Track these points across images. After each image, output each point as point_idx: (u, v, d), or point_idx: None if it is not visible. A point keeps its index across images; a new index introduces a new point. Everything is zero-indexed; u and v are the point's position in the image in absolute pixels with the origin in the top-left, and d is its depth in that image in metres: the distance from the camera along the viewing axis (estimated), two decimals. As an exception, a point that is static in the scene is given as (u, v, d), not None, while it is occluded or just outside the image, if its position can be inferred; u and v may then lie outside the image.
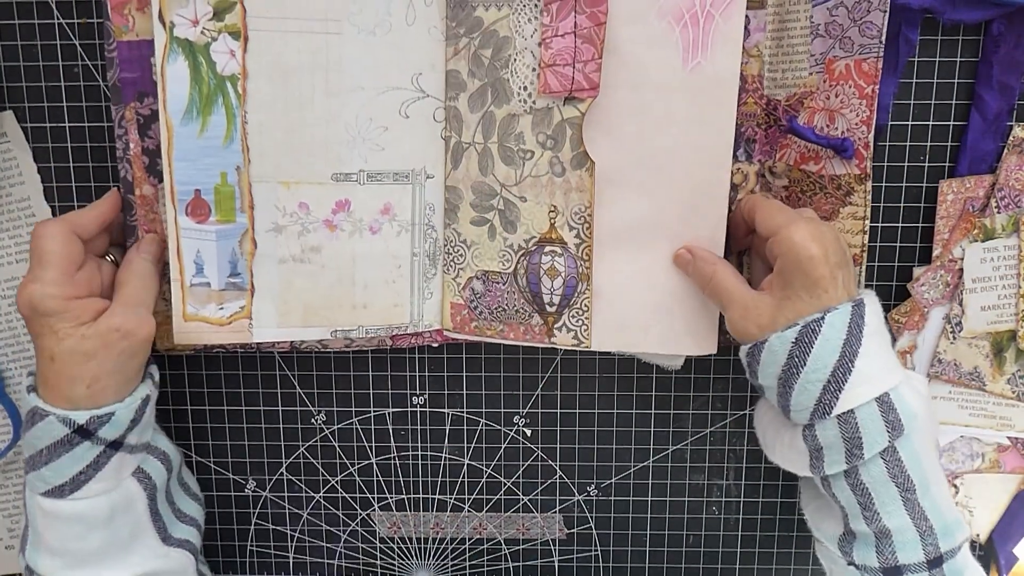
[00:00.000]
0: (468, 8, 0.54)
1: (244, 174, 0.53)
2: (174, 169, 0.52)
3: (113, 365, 0.49)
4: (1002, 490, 0.61)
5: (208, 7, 0.50)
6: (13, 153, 0.58)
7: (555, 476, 0.64)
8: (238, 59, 0.51)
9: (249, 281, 0.54)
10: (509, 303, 0.57)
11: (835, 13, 0.53)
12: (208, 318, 0.54)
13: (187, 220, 0.52)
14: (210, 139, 0.52)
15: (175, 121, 0.51)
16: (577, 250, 0.55)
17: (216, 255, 0.53)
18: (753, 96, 0.55)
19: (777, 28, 0.54)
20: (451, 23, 0.54)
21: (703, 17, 0.51)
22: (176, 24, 0.50)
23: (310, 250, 0.55)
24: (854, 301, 0.47)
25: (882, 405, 0.47)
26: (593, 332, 0.56)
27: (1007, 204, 0.55)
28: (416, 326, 0.58)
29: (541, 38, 0.52)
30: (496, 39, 0.54)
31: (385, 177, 0.55)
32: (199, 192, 0.52)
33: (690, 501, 0.64)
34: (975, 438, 0.60)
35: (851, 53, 0.53)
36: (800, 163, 0.55)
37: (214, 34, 0.51)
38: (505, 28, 0.53)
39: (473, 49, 0.54)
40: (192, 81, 0.51)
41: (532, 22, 0.53)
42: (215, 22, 0.51)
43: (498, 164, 0.55)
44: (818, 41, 0.53)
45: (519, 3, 0.53)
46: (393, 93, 0.54)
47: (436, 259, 0.58)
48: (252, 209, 0.53)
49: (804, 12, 0.53)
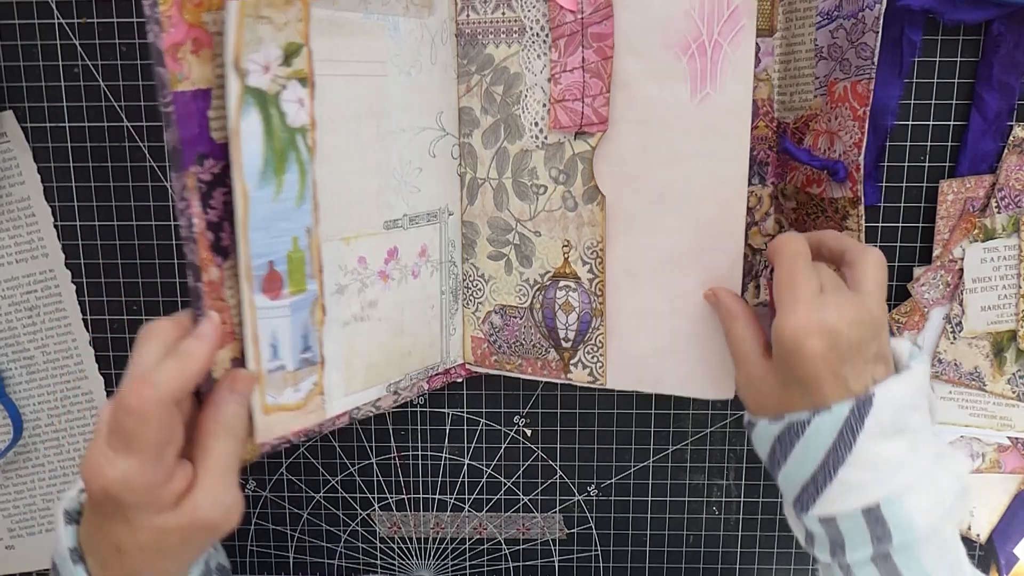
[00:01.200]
0: (479, 46, 0.54)
1: (314, 235, 0.46)
2: (250, 242, 0.42)
3: (188, 559, 0.41)
4: (1002, 490, 0.61)
5: (278, 51, 0.42)
6: (13, 153, 0.58)
7: (555, 476, 0.64)
8: (307, 108, 0.44)
9: (319, 353, 0.47)
10: (526, 337, 0.57)
11: (836, 35, 0.52)
12: (286, 404, 0.46)
13: (262, 298, 0.43)
14: (283, 201, 0.44)
15: (251, 186, 0.42)
16: (591, 285, 0.55)
17: (290, 332, 0.45)
18: (764, 119, 0.55)
19: (785, 52, 0.54)
20: (462, 60, 0.55)
21: (711, 47, 0.49)
22: (249, 71, 0.41)
23: (368, 306, 0.51)
24: (858, 400, 0.41)
25: (869, 516, 0.41)
26: (608, 370, 0.56)
27: (1007, 204, 0.55)
28: (445, 363, 0.58)
29: (550, 73, 0.53)
30: (507, 75, 0.54)
31: (421, 219, 0.54)
32: (272, 264, 0.43)
33: (690, 501, 0.64)
34: (975, 438, 0.60)
35: (849, 75, 0.52)
36: (805, 186, 0.55)
37: (284, 81, 0.43)
38: (515, 64, 0.53)
39: (485, 86, 0.55)
40: (266, 137, 0.42)
41: (541, 58, 0.53)
42: (284, 67, 0.43)
43: (512, 199, 0.56)
44: (822, 64, 0.53)
45: (528, 39, 0.53)
46: (425, 133, 0.53)
47: (458, 295, 0.58)
48: (321, 273, 0.47)
49: (809, 35, 0.53)
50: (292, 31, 0.43)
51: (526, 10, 0.52)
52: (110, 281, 0.60)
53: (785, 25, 0.54)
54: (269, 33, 0.42)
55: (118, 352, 0.61)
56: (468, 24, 0.54)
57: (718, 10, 0.48)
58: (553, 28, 0.52)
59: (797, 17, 0.54)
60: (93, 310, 0.61)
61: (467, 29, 0.54)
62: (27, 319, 0.60)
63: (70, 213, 0.59)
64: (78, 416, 0.62)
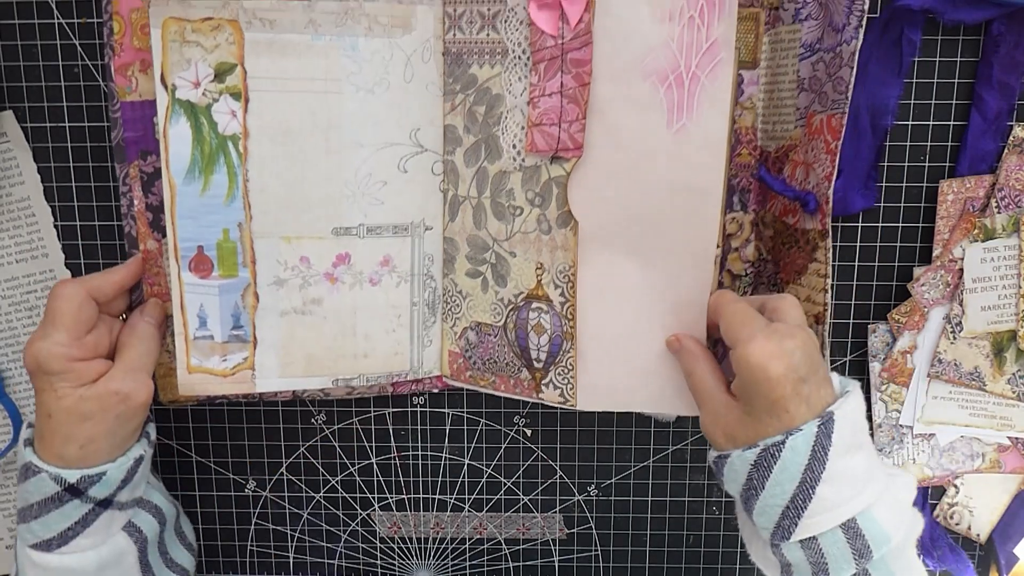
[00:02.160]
0: (464, 65, 0.54)
1: (246, 230, 0.54)
2: (177, 226, 0.53)
3: (108, 427, 0.49)
4: (1002, 490, 0.61)
5: (209, 69, 0.51)
6: (13, 153, 0.58)
7: (555, 476, 0.64)
8: (239, 119, 0.52)
9: (252, 333, 0.55)
10: (500, 356, 0.58)
11: (816, 68, 0.52)
12: (212, 370, 0.55)
13: (190, 275, 0.54)
14: (212, 197, 0.53)
15: (178, 180, 0.52)
16: (562, 308, 0.55)
17: (219, 309, 0.54)
18: (748, 147, 0.55)
19: (769, 81, 0.55)
20: (448, 79, 0.55)
21: (688, 78, 0.49)
22: (178, 86, 0.51)
23: (311, 302, 0.56)
24: (822, 418, 0.44)
25: (848, 531, 0.44)
26: (579, 392, 0.56)
27: (1007, 204, 0.55)
28: (416, 373, 0.59)
29: (529, 97, 0.53)
30: (489, 96, 0.54)
31: (384, 230, 0.56)
32: (202, 248, 0.53)
33: (690, 501, 0.64)
34: (975, 438, 0.60)
35: (826, 108, 0.52)
36: (782, 215, 0.55)
37: (215, 95, 0.52)
38: (497, 86, 0.54)
39: (468, 105, 0.55)
40: (194, 141, 0.52)
41: (522, 80, 0.53)
42: (216, 84, 0.52)
43: (491, 219, 0.56)
44: (803, 95, 0.53)
45: (510, 61, 0.53)
46: (392, 149, 0.55)
47: (435, 308, 0.59)
48: (254, 264, 0.54)
49: (792, 66, 0.53)
50: (224, 52, 0.51)
51: (509, 32, 0.53)
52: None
53: (770, 55, 0.54)
54: (199, 54, 0.51)
55: (118, 352, 0.61)
56: (454, 43, 0.54)
57: (697, 42, 0.48)
58: (534, 52, 0.52)
59: (782, 48, 0.54)
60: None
61: (453, 48, 0.55)
62: (27, 319, 0.60)
63: (70, 213, 0.59)
64: (78, 416, 0.62)
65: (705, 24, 0.48)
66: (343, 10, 0.52)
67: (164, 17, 0.50)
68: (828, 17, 0.51)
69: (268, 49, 0.52)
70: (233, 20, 0.51)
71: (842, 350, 0.60)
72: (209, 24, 0.51)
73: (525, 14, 0.52)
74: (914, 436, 0.60)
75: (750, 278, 0.58)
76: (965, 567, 0.62)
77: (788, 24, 0.53)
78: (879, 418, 0.60)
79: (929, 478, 0.61)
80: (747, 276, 0.58)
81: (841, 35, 0.50)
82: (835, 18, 0.50)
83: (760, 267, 0.57)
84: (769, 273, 0.57)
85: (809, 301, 0.53)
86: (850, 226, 0.58)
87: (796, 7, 0.52)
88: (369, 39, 0.53)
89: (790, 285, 0.55)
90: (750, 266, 0.57)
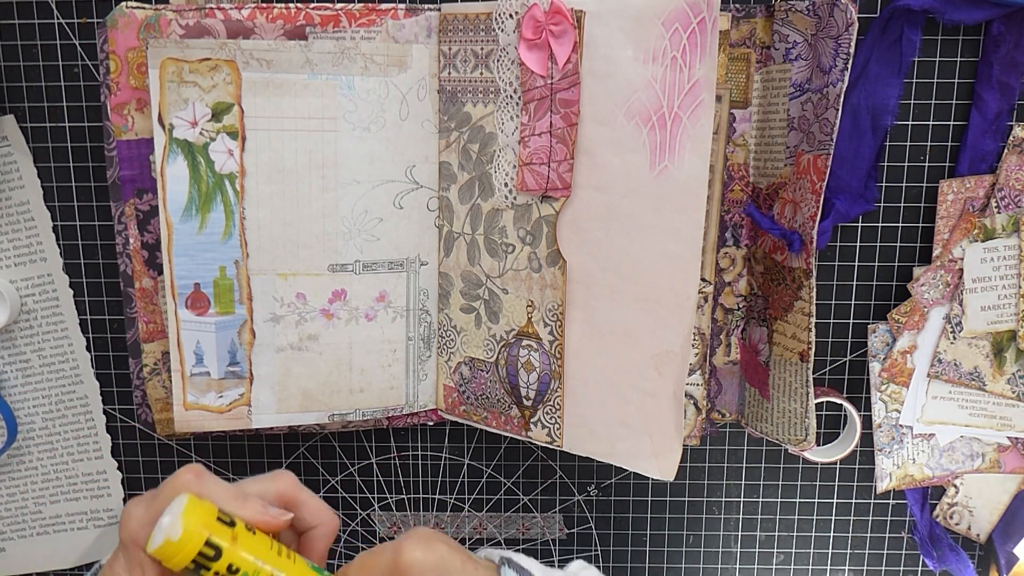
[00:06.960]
0: (458, 103, 0.55)
1: (243, 267, 0.54)
2: (174, 264, 0.53)
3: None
4: (1002, 490, 0.61)
5: (207, 109, 0.52)
6: (14, 157, 0.58)
7: (555, 476, 0.64)
8: (236, 158, 0.53)
9: (248, 370, 0.56)
10: (491, 392, 0.58)
11: (804, 107, 0.52)
12: (208, 406, 0.56)
13: (187, 312, 0.54)
14: (209, 235, 0.53)
15: (175, 219, 0.53)
16: (551, 347, 0.55)
17: (215, 345, 0.55)
18: (740, 184, 0.56)
19: (761, 119, 0.55)
20: (443, 117, 0.56)
21: (671, 119, 0.49)
22: (176, 126, 0.51)
23: (308, 338, 0.56)
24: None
25: None
26: (565, 433, 0.56)
27: (1007, 204, 0.55)
28: (412, 407, 0.60)
29: (520, 136, 0.53)
30: (483, 134, 0.54)
31: (380, 266, 0.56)
32: (198, 285, 0.54)
33: (690, 501, 0.64)
34: (975, 438, 0.60)
35: (812, 148, 0.52)
36: (772, 252, 0.55)
37: (212, 134, 0.52)
38: (490, 124, 0.54)
39: (462, 143, 0.55)
40: (191, 180, 0.52)
41: (513, 120, 0.53)
42: (214, 123, 0.52)
43: (484, 255, 0.56)
44: (792, 134, 0.53)
45: (502, 100, 0.53)
46: (388, 186, 0.55)
47: (431, 342, 0.59)
48: (251, 300, 0.55)
49: (783, 105, 0.54)
50: (222, 92, 0.52)
51: (501, 71, 0.53)
52: (109, 281, 0.60)
53: (762, 93, 0.55)
54: (196, 94, 0.51)
55: (115, 355, 0.61)
56: (449, 81, 0.55)
57: (679, 83, 0.48)
58: (525, 91, 0.52)
59: (773, 86, 0.54)
60: (90, 313, 0.61)
61: (448, 86, 0.55)
62: (24, 322, 0.60)
63: (70, 213, 0.59)
64: (72, 420, 0.62)
65: (687, 65, 0.48)
66: (339, 49, 0.53)
67: (162, 58, 0.51)
68: (816, 59, 0.51)
69: (265, 88, 0.52)
70: (231, 60, 0.51)
71: (842, 350, 0.60)
72: (207, 64, 0.51)
73: (516, 54, 0.52)
74: (914, 436, 0.60)
75: (742, 312, 0.58)
76: (965, 567, 0.62)
77: (779, 63, 0.53)
78: (879, 418, 0.60)
79: (929, 478, 0.61)
80: (739, 310, 0.58)
81: (828, 76, 0.50)
82: (823, 59, 0.51)
83: (752, 302, 0.58)
84: (760, 308, 0.57)
85: (794, 339, 0.54)
86: (850, 226, 0.58)
87: (787, 47, 0.53)
88: (365, 78, 0.53)
89: (778, 321, 0.55)
90: (742, 300, 0.58)
